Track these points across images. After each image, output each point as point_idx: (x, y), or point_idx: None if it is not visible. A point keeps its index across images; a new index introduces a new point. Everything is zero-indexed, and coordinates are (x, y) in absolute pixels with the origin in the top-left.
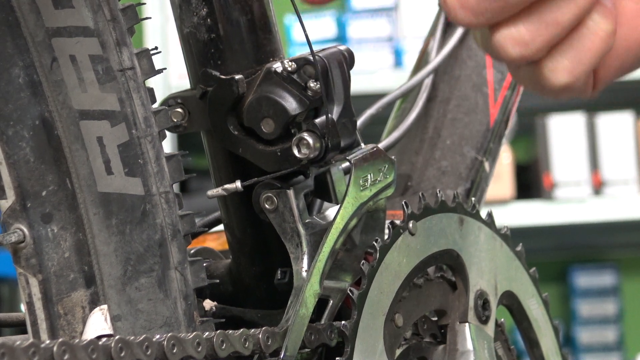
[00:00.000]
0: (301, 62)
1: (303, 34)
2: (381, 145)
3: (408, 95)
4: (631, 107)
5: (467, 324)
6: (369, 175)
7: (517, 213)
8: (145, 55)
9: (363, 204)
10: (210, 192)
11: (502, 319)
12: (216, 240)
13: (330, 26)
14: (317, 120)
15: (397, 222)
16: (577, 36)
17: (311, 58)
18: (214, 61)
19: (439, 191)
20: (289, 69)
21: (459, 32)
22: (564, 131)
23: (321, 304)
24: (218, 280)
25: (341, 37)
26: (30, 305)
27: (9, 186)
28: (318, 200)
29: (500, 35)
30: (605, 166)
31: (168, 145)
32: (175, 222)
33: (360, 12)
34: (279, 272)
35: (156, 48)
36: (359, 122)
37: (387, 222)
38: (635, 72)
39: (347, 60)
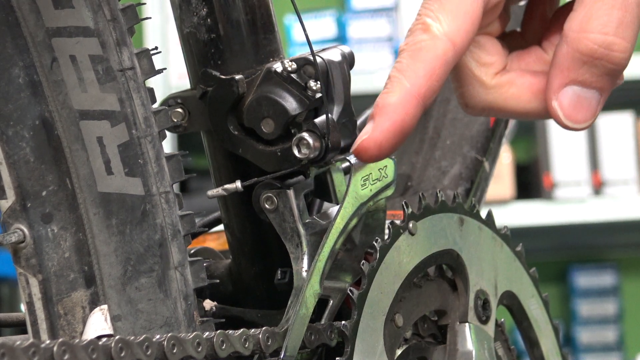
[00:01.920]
0: (301, 62)
1: (303, 34)
2: None
3: None
4: (631, 107)
5: (467, 324)
6: (369, 175)
7: (517, 213)
8: (145, 55)
9: (363, 204)
10: (210, 192)
11: (502, 319)
12: (216, 240)
13: (330, 26)
14: (317, 120)
15: (397, 222)
16: None
17: (311, 58)
18: (214, 61)
19: (439, 191)
20: (289, 69)
21: None
22: (564, 131)
23: (321, 304)
24: (218, 280)
25: (341, 37)
26: (30, 305)
27: (9, 186)
28: (318, 200)
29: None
30: (605, 166)
31: (168, 145)
32: (175, 222)
33: (360, 12)
34: (279, 272)
35: (156, 48)
36: (359, 122)
37: (387, 222)
38: (635, 72)
39: (347, 60)
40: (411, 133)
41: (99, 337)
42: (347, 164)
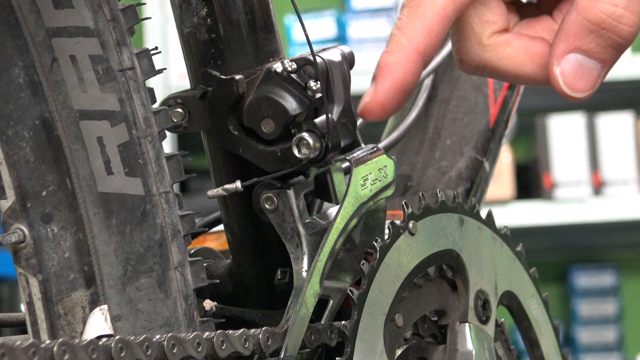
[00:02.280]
0: (301, 62)
1: (303, 34)
2: (381, 145)
3: None
4: (631, 107)
5: (467, 324)
6: (369, 175)
7: (517, 213)
8: (145, 55)
9: (363, 204)
10: (210, 192)
11: (502, 319)
12: (216, 240)
13: (330, 26)
14: (317, 120)
15: (397, 222)
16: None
17: (311, 58)
18: (214, 61)
19: (439, 191)
20: (289, 69)
21: None
22: (564, 131)
23: (321, 304)
24: (218, 280)
25: (341, 37)
26: (30, 305)
27: (9, 186)
28: (318, 200)
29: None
30: (605, 166)
31: (168, 145)
32: (176, 222)
33: (360, 12)
34: (279, 272)
35: (156, 48)
36: (359, 122)
37: (387, 222)
38: (635, 72)
39: (347, 60)
40: (413, 92)
41: (99, 337)
42: (347, 164)
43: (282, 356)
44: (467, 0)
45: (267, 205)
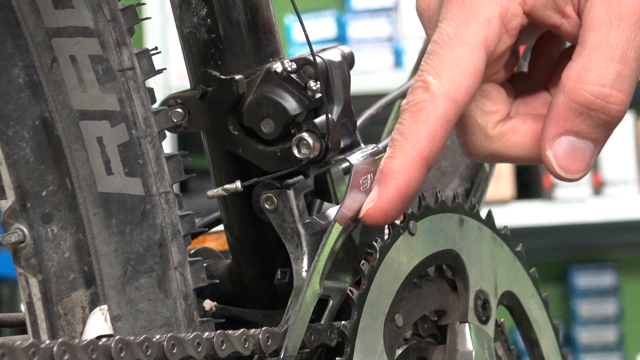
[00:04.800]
0: (301, 62)
1: (303, 34)
2: (381, 145)
3: None
4: (631, 107)
5: (467, 324)
6: (369, 175)
7: (517, 213)
8: (145, 55)
9: None
10: (210, 192)
11: (502, 319)
12: (216, 240)
13: (330, 26)
14: (317, 121)
15: (397, 222)
16: None
17: (311, 58)
18: (214, 61)
19: (439, 191)
20: (289, 69)
21: None
22: None
23: (321, 304)
24: (218, 280)
25: (341, 37)
26: (30, 305)
27: (9, 186)
28: (318, 200)
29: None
30: (605, 166)
31: (168, 145)
32: (175, 222)
33: (360, 12)
34: (279, 272)
35: (156, 48)
36: (359, 122)
37: None
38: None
39: (347, 60)
40: (415, 197)
41: (99, 337)
42: (347, 164)
43: (282, 356)
44: (467, 101)
45: (267, 206)
